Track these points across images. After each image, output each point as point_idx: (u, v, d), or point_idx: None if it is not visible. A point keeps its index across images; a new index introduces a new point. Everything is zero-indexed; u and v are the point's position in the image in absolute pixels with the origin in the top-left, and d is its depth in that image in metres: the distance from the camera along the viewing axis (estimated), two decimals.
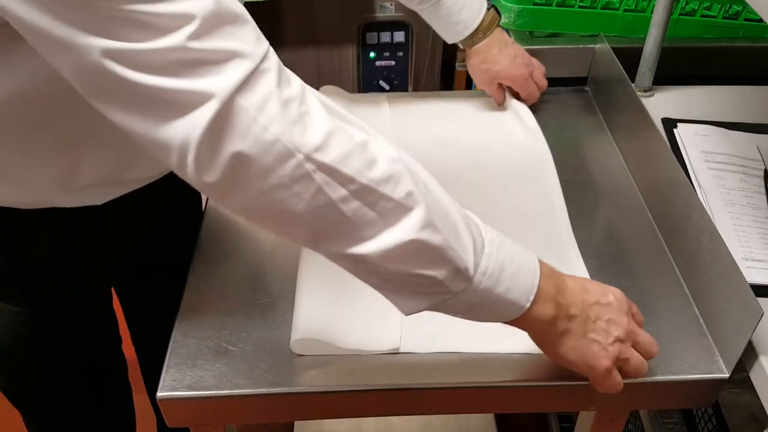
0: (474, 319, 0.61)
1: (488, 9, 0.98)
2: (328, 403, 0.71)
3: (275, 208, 0.52)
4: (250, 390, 0.69)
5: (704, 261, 0.75)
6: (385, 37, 1.74)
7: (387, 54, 1.76)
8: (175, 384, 0.69)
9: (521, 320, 0.61)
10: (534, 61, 1.05)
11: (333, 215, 0.52)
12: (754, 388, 0.69)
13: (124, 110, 0.49)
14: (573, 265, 0.81)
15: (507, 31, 1.13)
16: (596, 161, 0.99)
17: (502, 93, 1.05)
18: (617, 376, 0.64)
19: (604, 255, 0.83)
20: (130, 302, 1.05)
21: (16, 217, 0.73)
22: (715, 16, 1.16)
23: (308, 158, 0.49)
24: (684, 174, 0.81)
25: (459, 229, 0.56)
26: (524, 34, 1.19)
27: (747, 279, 0.67)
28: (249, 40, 0.49)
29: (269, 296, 0.78)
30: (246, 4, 0.90)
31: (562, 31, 1.19)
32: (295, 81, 0.52)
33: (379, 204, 0.52)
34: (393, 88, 1.79)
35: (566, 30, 1.18)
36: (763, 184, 0.90)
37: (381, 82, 1.79)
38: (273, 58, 0.50)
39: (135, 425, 1.09)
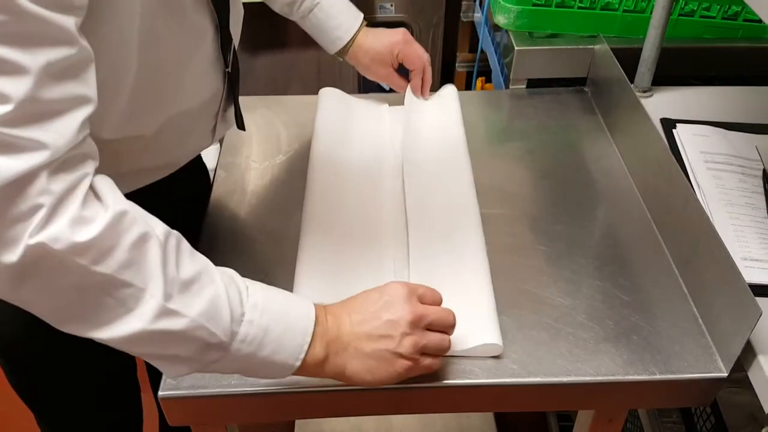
0: (251, 376, 0.62)
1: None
2: (328, 402, 0.71)
3: (7, 289, 0.52)
4: (251, 389, 0.69)
5: (703, 261, 0.75)
6: None
7: None
8: (176, 383, 0.69)
9: (299, 373, 0.62)
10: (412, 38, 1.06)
11: (66, 300, 0.52)
12: (752, 387, 0.70)
13: None
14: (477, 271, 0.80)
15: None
16: (595, 162, 0.99)
17: (403, 80, 1.07)
18: (424, 361, 0.65)
19: (603, 255, 0.84)
20: None
21: None
22: (714, 17, 1.16)
23: (40, 246, 0.49)
24: (683, 174, 0.82)
25: (211, 303, 0.56)
26: (524, 34, 1.19)
27: (746, 279, 0.67)
28: (57, 134, 0.50)
29: None
30: (247, 5, 0.91)
31: (561, 31, 1.19)
32: (68, 178, 0.51)
33: (117, 291, 0.52)
34: (393, 89, 1.79)
35: (565, 31, 1.19)
36: (761, 185, 0.90)
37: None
38: (71, 157, 0.51)
39: (142, 422, 1.09)
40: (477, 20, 1.62)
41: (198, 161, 1.05)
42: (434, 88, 1.61)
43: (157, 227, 0.56)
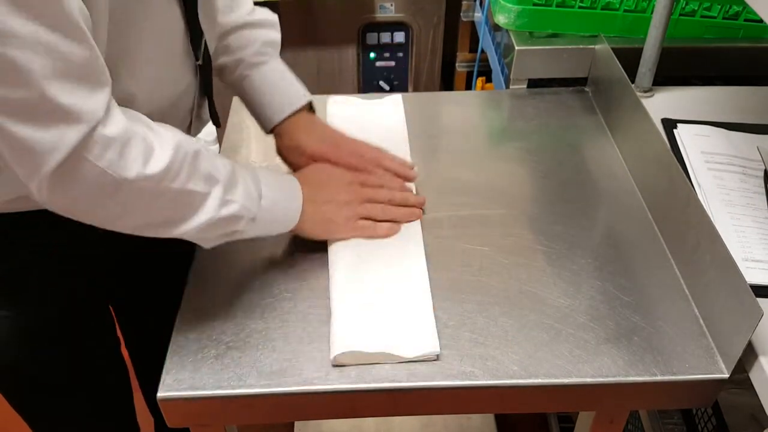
0: (262, 235, 0.77)
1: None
2: (327, 404, 0.71)
3: (110, 219, 0.67)
4: (250, 390, 0.69)
5: (704, 261, 0.75)
6: (385, 37, 1.75)
7: (387, 54, 1.76)
8: (175, 384, 0.69)
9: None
10: (343, 140, 0.92)
11: (157, 213, 0.68)
12: (753, 388, 0.69)
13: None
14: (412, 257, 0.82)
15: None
16: (596, 162, 0.99)
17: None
18: (360, 224, 0.83)
19: (604, 255, 0.83)
20: (121, 301, 1.04)
21: None
22: (715, 17, 1.16)
23: (132, 182, 0.62)
24: (684, 174, 0.81)
25: (245, 187, 0.72)
26: (524, 34, 1.19)
27: (747, 279, 0.67)
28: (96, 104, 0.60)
29: (270, 296, 0.78)
30: None
31: (561, 31, 1.19)
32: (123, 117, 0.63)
33: (188, 196, 0.68)
34: (393, 89, 1.79)
35: (566, 30, 1.18)
36: (762, 185, 0.90)
37: (381, 82, 1.79)
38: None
39: (138, 427, 1.09)
40: (477, 20, 1.62)
41: None
42: (435, 88, 1.61)
43: (197, 142, 0.70)
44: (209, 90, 0.85)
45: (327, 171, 0.86)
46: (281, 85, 0.90)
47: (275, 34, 0.91)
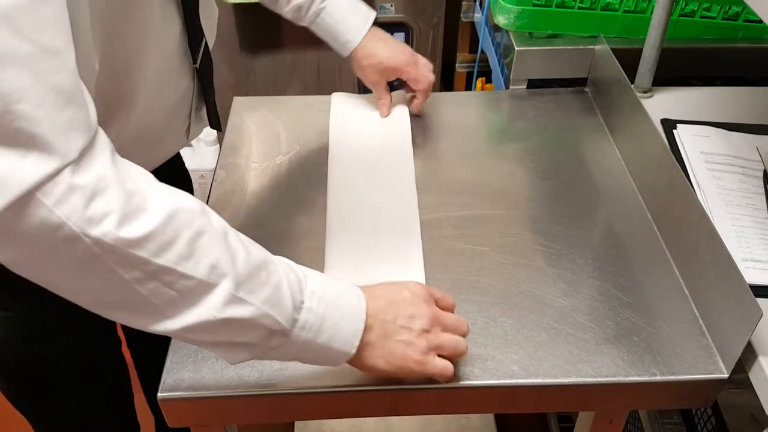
0: (309, 363, 0.63)
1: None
2: (328, 403, 0.71)
3: (64, 285, 0.52)
4: (250, 390, 0.69)
5: (703, 261, 0.75)
6: None
7: None
8: (175, 384, 0.69)
9: (352, 361, 0.63)
10: (418, 56, 1.04)
11: (129, 295, 0.51)
12: (753, 388, 0.70)
13: None
14: (411, 262, 0.82)
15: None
16: (596, 162, 0.99)
17: (388, 96, 1.05)
18: (438, 362, 0.64)
19: (604, 255, 0.84)
20: None
21: None
22: (714, 17, 1.16)
23: (97, 242, 0.48)
24: (683, 175, 0.81)
25: (275, 290, 0.56)
26: (524, 35, 1.19)
27: (746, 279, 0.67)
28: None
29: None
30: (246, 6, 0.91)
31: (561, 32, 1.19)
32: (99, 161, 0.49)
33: (179, 283, 0.52)
34: (393, 89, 1.78)
35: (566, 31, 1.19)
36: (762, 185, 0.90)
37: None
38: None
39: (138, 427, 1.09)
40: (477, 20, 1.62)
41: (179, 165, 1.04)
42: (435, 88, 1.60)
43: (214, 219, 0.55)
44: (209, 94, 0.85)
45: (398, 287, 0.67)
46: (352, 8, 0.97)
47: None
